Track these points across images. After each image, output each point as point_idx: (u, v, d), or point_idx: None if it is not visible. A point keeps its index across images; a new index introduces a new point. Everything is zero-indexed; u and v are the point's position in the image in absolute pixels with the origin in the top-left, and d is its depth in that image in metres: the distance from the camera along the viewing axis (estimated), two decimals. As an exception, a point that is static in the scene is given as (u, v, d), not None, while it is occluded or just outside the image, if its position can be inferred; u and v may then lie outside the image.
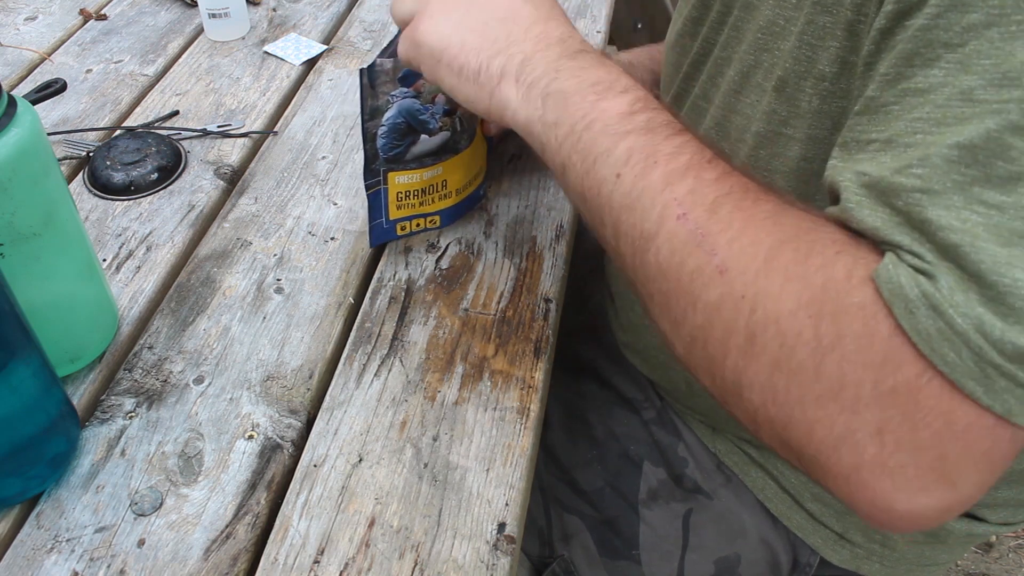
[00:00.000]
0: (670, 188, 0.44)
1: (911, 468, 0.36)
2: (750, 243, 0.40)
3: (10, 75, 0.91)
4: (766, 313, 0.39)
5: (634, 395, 0.76)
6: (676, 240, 0.43)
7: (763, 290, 0.39)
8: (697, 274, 0.42)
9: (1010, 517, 0.65)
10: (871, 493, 0.37)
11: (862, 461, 0.37)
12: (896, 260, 0.37)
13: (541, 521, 0.73)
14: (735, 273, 0.40)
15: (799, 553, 0.70)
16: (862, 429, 0.37)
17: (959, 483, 0.37)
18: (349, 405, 0.57)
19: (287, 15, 1.03)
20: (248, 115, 0.85)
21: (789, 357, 0.38)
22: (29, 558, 0.49)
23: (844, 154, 0.42)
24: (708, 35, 0.61)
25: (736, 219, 0.41)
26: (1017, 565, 1.44)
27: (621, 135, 0.47)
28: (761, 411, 0.40)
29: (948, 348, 0.34)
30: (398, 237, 0.69)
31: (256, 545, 0.50)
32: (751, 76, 0.55)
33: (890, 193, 0.38)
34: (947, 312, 0.34)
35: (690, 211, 0.42)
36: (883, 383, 0.36)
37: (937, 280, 0.35)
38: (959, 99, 0.37)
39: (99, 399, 0.57)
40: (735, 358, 0.40)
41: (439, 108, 0.62)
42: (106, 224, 0.71)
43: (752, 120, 0.56)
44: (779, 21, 0.52)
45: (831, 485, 0.39)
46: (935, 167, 0.36)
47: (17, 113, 0.48)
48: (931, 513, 0.37)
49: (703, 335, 0.42)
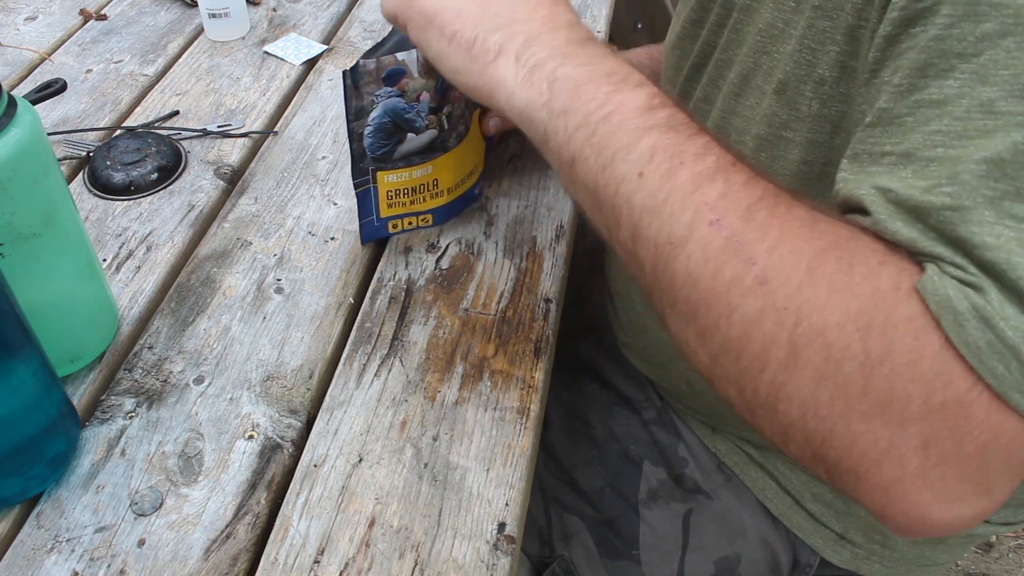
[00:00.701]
0: (700, 191, 0.41)
1: (952, 479, 0.36)
2: (790, 252, 0.39)
3: (10, 75, 0.91)
4: (811, 325, 0.37)
5: (634, 395, 0.76)
6: (710, 248, 0.40)
7: (807, 301, 0.37)
8: (735, 284, 0.39)
9: (1010, 517, 0.65)
10: (908, 504, 0.37)
11: (904, 474, 0.36)
12: (940, 272, 0.36)
13: (541, 521, 0.73)
14: (777, 284, 0.38)
15: (799, 553, 0.70)
16: (907, 443, 0.36)
17: (994, 491, 0.36)
18: (349, 405, 0.57)
19: (287, 15, 1.03)
20: (248, 115, 0.85)
21: (836, 371, 0.37)
22: (29, 558, 0.49)
23: (856, 167, 0.41)
24: (708, 37, 0.61)
25: (773, 226, 0.40)
26: (1017, 565, 1.44)
27: (643, 131, 0.44)
28: (798, 424, 0.39)
29: (997, 361, 0.34)
30: (389, 234, 0.69)
31: (256, 545, 0.50)
32: (751, 79, 0.55)
33: (921, 212, 0.37)
34: (998, 325, 0.34)
35: (724, 217, 0.40)
36: (933, 398, 0.35)
37: (986, 292, 0.34)
38: (980, 111, 0.36)
39: (99, 399, 0.57)
40: (774, 371, 0.39)
41: (424, 106, 0.62)
42: (106, 224, 0.71)
43: (752, 123, 0.56)
44: (778, 24, 0.52)
45: (865, 496, 0.38)
46: (964, 184, 0.36)
47: (17, 113, 0.48)
48: (964, 521, 0.37)
49: (737, 347, 0.40)
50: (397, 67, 0.60)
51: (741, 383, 0.40)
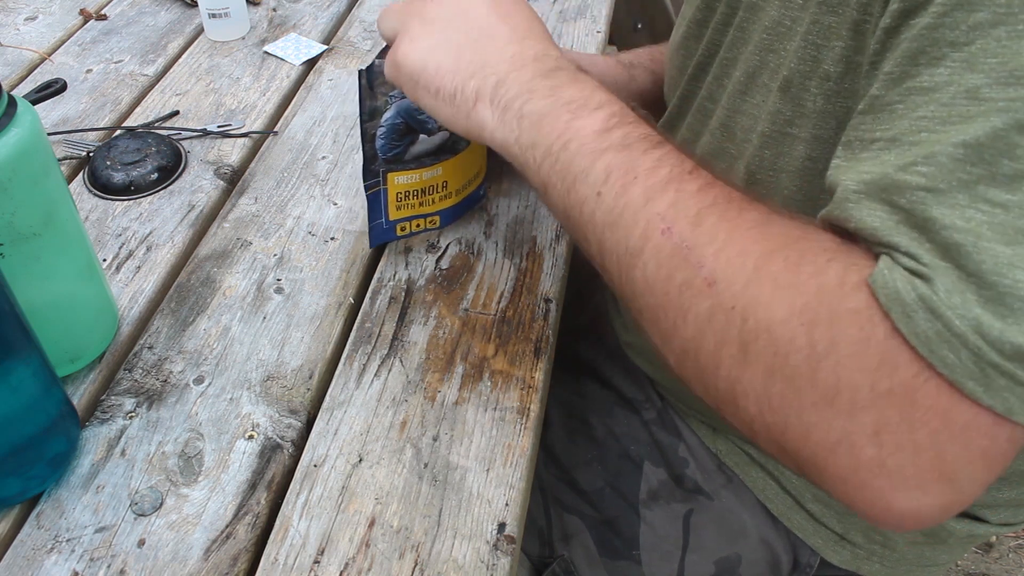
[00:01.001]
0: (652, 203, 0.44)
1: (909, 468, 0.36)
2: (737, 254, 0.41)
3: (10, 75, 0.91)
4: (757, 322, 0.39)
5: (634, 395, 0.76)
6: (662, 255, 0.43)
7: (753, 299, 0.39)
8: (686, 287, 0.42)
9: (1010, 518, 0.65)
10: (870, 493, 0.38)
11: (859, 463, 0.37)
12: (891, 264, 0.37)
13: (541, 521, 0.73)
14: (724, 284, 0.40)
15: (799, 553, 0.70)
16: (859, 431, 0.37)
17: (958, 481, 0.37)
18: (349, 405, 0.57)
19: (287, 15, 1.03)
20: (248, 115, 0.85)
21: (783, 364, 0.38)
22: (29, 558, 0.49)
23: (847, 153, 0.42)
24: (713, 37, 0.61)
25: (721, 230, 0.42)
26: (1017, 565, 1.44)
27: (598, 153, 0.47)
28: (757, 419, 0.40)
29: (947, 349, 0.34)
30: (398, 237, 0.69)
31: (256, 545, 0.50)
32: (757, 77, 0.55)
33: (893, 190, 0.37)
34: (945, 314, 0.34)
35: (674, 225, 0.43)
36: (880, 385, 0.36)
37: (933, 282, 0.35)
38: (965, 97, 0.37)
39: (99, 399, 0.57)
40: (728, 368, 0.40)
41: None
42: (106, 224, 0.71)
43: (758, 120, 0.56)
44: (784, 21, 0.52)
45: (829, 487, 0.39)
46: (940, 165, 0.36)
47: (17, 113, 0.48)
48: (931, 512, 0.37)
49: (695, 347, 0.42)
50: None
51: (704, 382, 0.43)
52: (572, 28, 1.01)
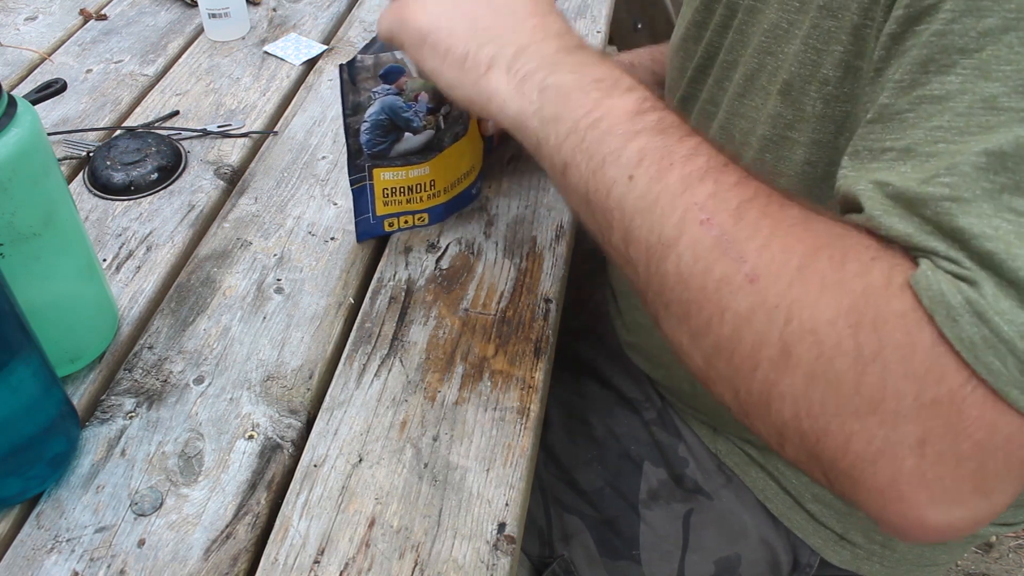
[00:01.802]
0: (690, 191, 0.41)
1: (949, 480, 0.35)
2: (781, 250, 0.38)
3: (10, 75, 0.91)
4: (802, 323, 0.37)
5: (635, 395, 0.76)
6: (700, 247, 0.40)
7: (798, 299, 0.37)
8: (724, 283, 0.39)
9: (1010, 517, 0.65)
10: (905, 506, 0.36)
11: (900, 474, 0.36)
12: (933, 267, 0.35)
13: (541, 521, 0.73)
14: (767, 282, 0.38)
15: (799, 554, 0.70)
16: (902, 442, 0.35)
17: (993, 493, 0.36)
18: (349, 405, 0.57)
19: (287, 15, 1.03)
20: (248, 115, 0.85)
21: (827, 369, 0.36)
22: (29, 558, 0.49)
23: (856, 163, 0.41)
24: (712, 39, 0.61)
25: (764, 225, 0.39)
26: (1017, 565, 1.44)
27: (631, 135, 0.44)
28: (792, 424, 0.38)
29: (993, 356, 0.33)
30: (385, 233, 0.69)
31: (256, 545, 0.50)
32: (755, 79, 0.55)
33: (918, 203, 0.36)
34: (993, 319, 0.33)
35: (714, 216, 0.40)
36: (925, 395, 0.35)
37: (980, 286, 0.34)
38: (982, 107, 0.36)
39: (99, 399, 0.57)
40: (766, 370, 0.38)
41: (422, 106, 0.62)
42: (106, 224, 0.71)
43: (757, 124, 0.55)
44: (783, 24, 0.52)
45: (863, 498, 0.38)
46: (963, 175, 0.35)
47: (17, 113, 0.48)
48: (963, 524, 0.36)
49: (729, 347, 0.39)
50: (395, 65, 0.60)
51: (735, 384, 0.40)
52: (572, 28, 1.01)
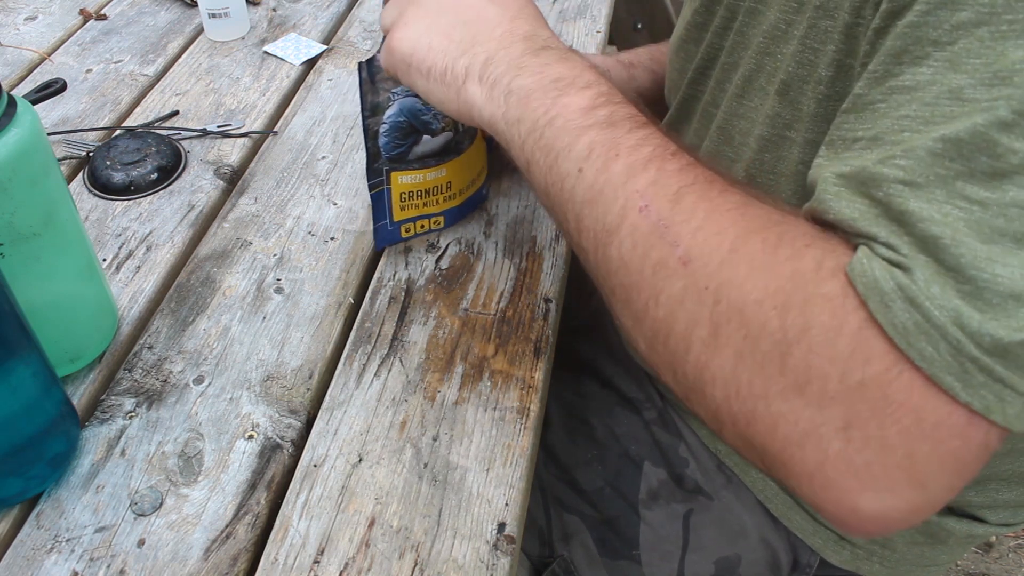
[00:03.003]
0: (632, 180, 0.43)
1: (877, 466, 0.35)
2: (714, 233, 0.40)
3: (10, 75, 0.91)
4: (730, 303, 0.38)
5: (635, 395, 0.76)
6: (638, 232, 0.42)
7: (727, 280, 0.38)
8: (660, 266, 0.41)
9: (1010, 518, 0.65)
10: (836, 492, 0.36)
11: (826, 458, 0.36)
12: (870, 253, 0.36)
13: (541, 521, 0.73)
14: (699, 264, 0.40)
15: (799, 554, 0.70)
16: (827, 424, 0.36)
17: (928, 484, 0.35)
18: (349, 405, 0.57)
19: (287, 15, 1.03)
20: (248, 115, 0.85)
21: (753, 348, 0.37)
22: (29, 558, 0.49)
23: (830, 152, 0.42)
24: (712, 40, 0.61)
25: (700, 209, 0.41)
26: (1017, 565, 1.44)
27: (582, 130, 0.46)
28: (724, 407, 0.39)
29: (925, 341, 0.34)
30: (404, 239, 0.69)
31: (256, 545, 0.50)
32: (754, 80, 0.55)
33: (870, 183, 0.37)
34: (924, 304, 0.34)
35: (652, 202, 0.42)
36: (851, 376, 0.35)
37: (913, 272, 0.34)
38: (948, 97, 0.36)
39: (99, 399, 0.57)
40: (698, 351, 0.39)
41: None
42: (106, 224, 0.71)
43: (755, 124, 0.56)
44: (781, 25, 0.52)
45: (795, 484, 0.38)
46: (919, 159, 0.36)
47: (17, 113, 0.48)
48: (898, 515, 0.36)
49: (665, 328, 0.41)
50: None
51: (673, 366, 0.42)
52: (572, 28, 1.01)
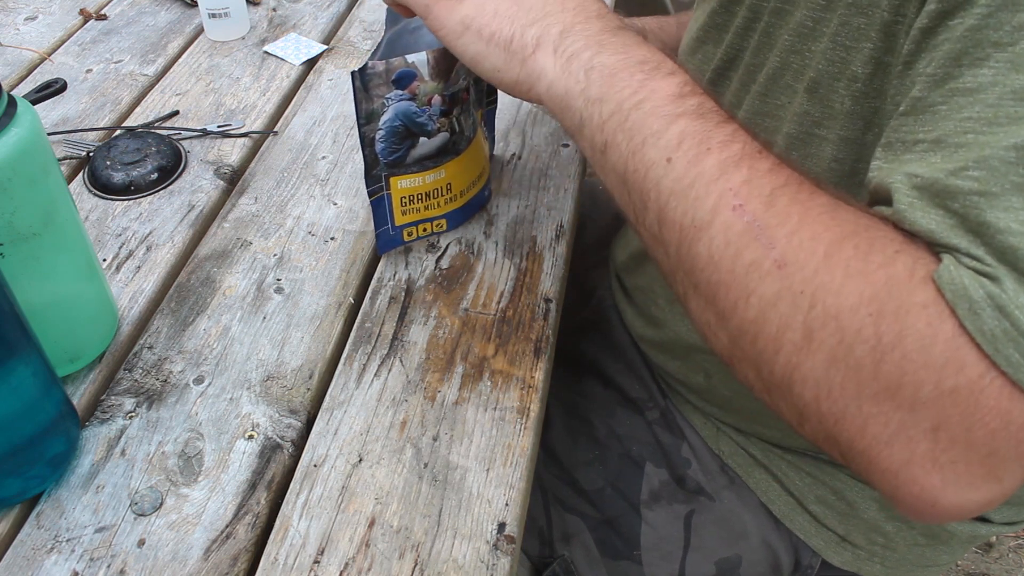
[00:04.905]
0: (725, 177, 0.43)
1: (962, 464, 0.36)
2: (809, 237, 0.40)
3: (10, 75, 0.91)
4: (825, 308, 0.38)
5: (638, 394, 0.76)
6: (731, 232, 0.42)
7: (823, 286, 0.39)
8: (754, 267, 0.41)
9: (1012, 517, 0.65)
10: (919, 488, 0.37)
11: (913, 457, 0.37)
12: (956, 262, 0.36)
13: (541, 521, 0.73)
14: (794, 268, 0.39)
15: (801, 555, 0.70)
16: (917, 426, 0.36)
17: (1004, 478, 0.37)
18: (349, 405, 0.57)
19: (287, 15, 1.03)
20: (248, 115, 0.85)
21: (848, 354, 0.38)
22: (29, 558, 0.49)
23: (889, 155, 0.42)
24: (734, 41, 0.61)
25: (794, 212, 0.41)
26: (1017, 565, 1.44)
27: (672, 117, 0.45)
28: (812, 406, 0.40)
29: (1013, 349, 0.34)
30: (406, 243, 0.69)
31: (256, 545, 0.50)
32: (779, 78, 0.55)
33: (945, 195, 0.37)
34: (1013, 313, 0.34)
35: (746, 202, 0.42)
36: (944, 383, 0.36)
37: (1001, 282, 0.35)
38: (1011, 98, 0.37)
39: (99, 399, 0.57)
40: (788, 353, 0.40)
41: (436, 109, 0.62)
42: (106, 224, 0.71)
43: (783, 122, 0.55)
44: (808, 23, 0.52)
45: (877, 479, 0.39)
46: (992, 169, 0.36)
47: (17, 113, 0.48)
48: (974, 507, 0.38)
49: (755, 329, 0.41)
50: (407, 70, 0.59)
51: (758, 364, 0.42)
52: (572, 28, 1.01)
